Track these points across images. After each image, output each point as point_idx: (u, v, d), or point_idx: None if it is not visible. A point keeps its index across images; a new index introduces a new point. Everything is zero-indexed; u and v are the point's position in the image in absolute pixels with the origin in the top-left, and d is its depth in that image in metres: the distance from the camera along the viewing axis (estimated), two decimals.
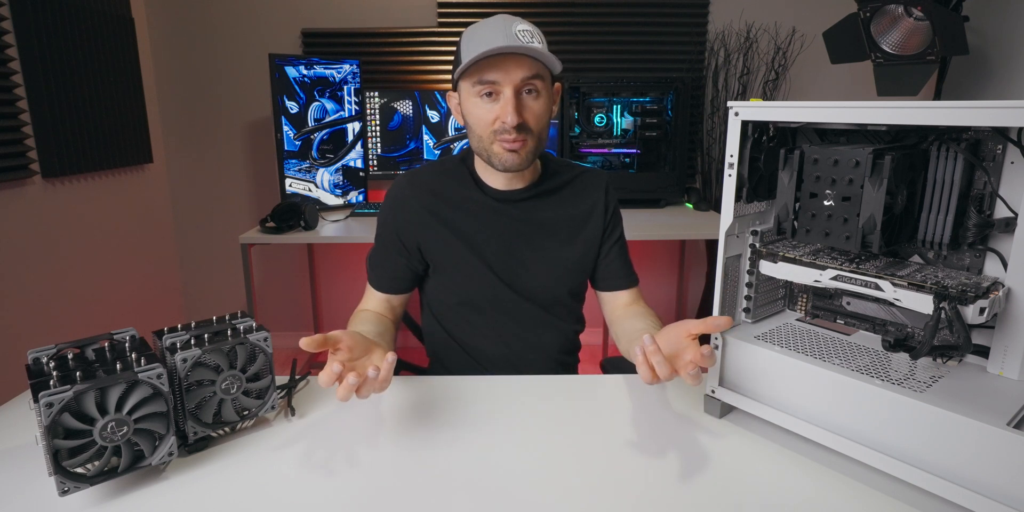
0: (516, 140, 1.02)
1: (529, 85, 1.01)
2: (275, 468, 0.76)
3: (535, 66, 1.00)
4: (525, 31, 0.99)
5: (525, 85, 1.01)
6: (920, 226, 0.77)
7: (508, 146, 1.03)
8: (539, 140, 1.06)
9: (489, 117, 1.02)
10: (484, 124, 1.03)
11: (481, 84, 1.01)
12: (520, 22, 1.00)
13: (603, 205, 1.18)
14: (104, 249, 2.38)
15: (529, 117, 1.02)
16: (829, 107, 0.72)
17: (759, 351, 0.82)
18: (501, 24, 0.99)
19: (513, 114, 1.00)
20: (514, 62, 0.99)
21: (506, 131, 1.01)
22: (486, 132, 1.04)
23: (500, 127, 1.02)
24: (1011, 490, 0.61)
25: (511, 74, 0.99)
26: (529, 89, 1.02)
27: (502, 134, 1.02)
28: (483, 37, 0.99)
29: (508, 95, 1.00)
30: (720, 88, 2.72)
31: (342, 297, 2.97)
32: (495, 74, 1.00)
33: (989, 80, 2.04)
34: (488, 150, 1.05)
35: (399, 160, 2.60)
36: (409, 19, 2.68)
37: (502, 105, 1.01)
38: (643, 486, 0.73)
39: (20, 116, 1.94)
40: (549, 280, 1.15)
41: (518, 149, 1.03)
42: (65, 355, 0.75)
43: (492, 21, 1.01)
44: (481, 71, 1.00)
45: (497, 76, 1.00)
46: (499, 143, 1.03)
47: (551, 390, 0.98)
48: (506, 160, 1.04)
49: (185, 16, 2.67)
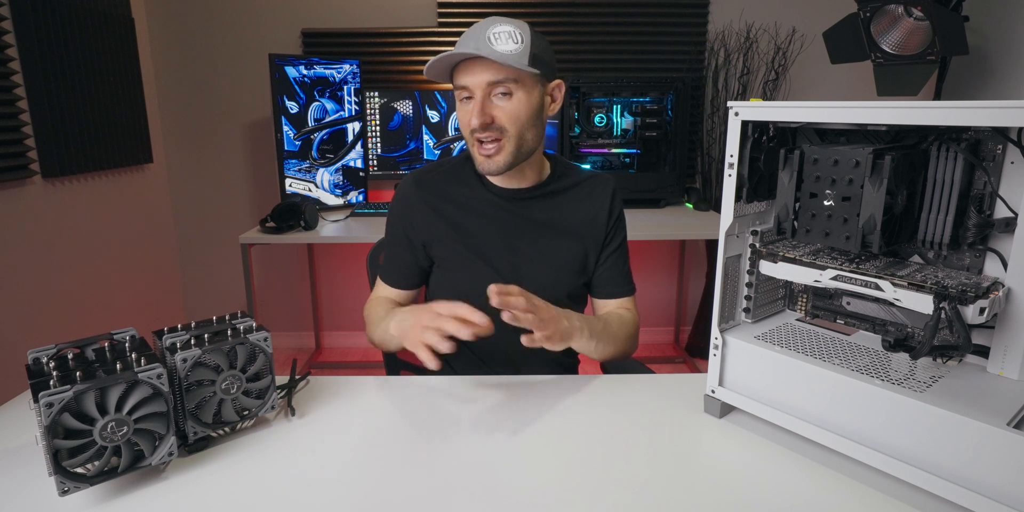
0: (490, 142, 1.05)
1: (501, 88, 1.03)
2: (275, 468, 0.76)
3: (503, 70, 1.02)
4: (501, 33, 1.00)
5: (493, 89, 1.03)
6: (920, 226, 0.77)
7: (483, 151, 1.06)
8: (520, 139, 1.06)
9: (465, 120, 1.07)
10: (463, 127, 1.08)
11: (458, 89, 1.05)
12: (503, 24, 1.02)
13: (608, 210, 1.18)
14: (104, 249, 2.38)
15: (500, 116, 1.04)
16: (829, 107, 0.72)
17: (759, 351, 0.82)
18: (479, 29, 1.02)
19: (476, 114, 1.02)
20: (481, 66, 1.02)
21: (479, 131, 1.04)
22: (466, 135, 1.08)
23: (473, 127, 1.04)
24: (1011, 490, 0.61)
25: (477, 78, 1.02)
26: (501, 92, 1.03)
27: (477, 134, 1.05)
28: (460, 43, 1.03)
29: (477, 98, 1.03)
30: (720, 88, 2.72)
31: (342, 297, 2.97)
32: (465, 78, 1.03)
33: (989, 80, 2.05)
34: (474, 153, 1.09)
35: (399, 160, 2.60)
36: (409, 19, 2.68)
37: (471, 108, 1.04)
38: (643, 486, 0.73)
39: (20, 116, 1.94)
40: (549, 281, 1.15)
41: (492, 154, 1.05)
42: (65, 355, 0.75)
43: (477, 25, 1.03)
44: (457, 76, 1.05)
45: (467, 81, 1.03)
46: (477, 146, 1.06)
47: (551, 390, 0.98)
48: (482, 165, 1.08)
49: (185, 16, 2.67)
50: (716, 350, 0.86)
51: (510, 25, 1.02)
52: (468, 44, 1.01)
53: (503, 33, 1.01)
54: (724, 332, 0.87)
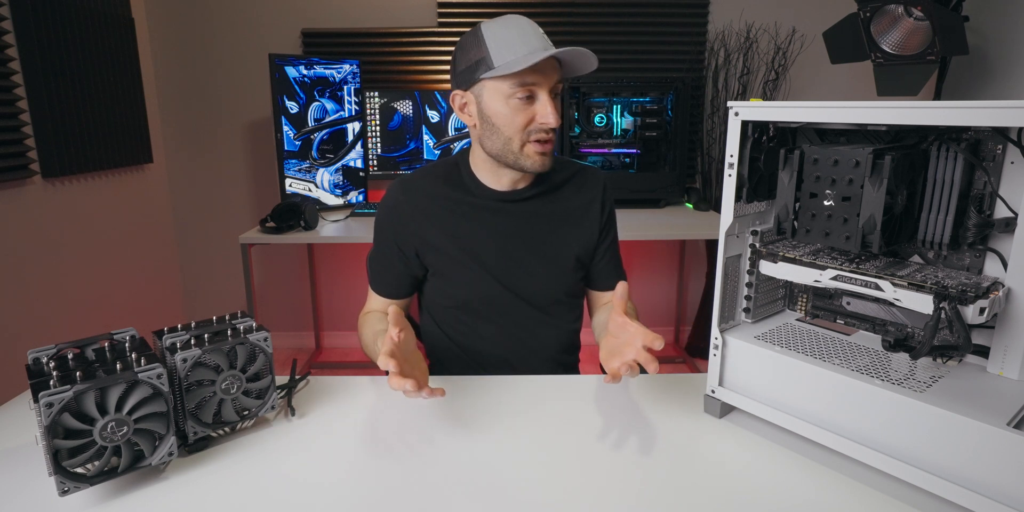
0: (548, 141, 1.05)
1: (557, 88, 1.04)
2: (275, 468, 0.76)
3: (559, 70, 1.04)
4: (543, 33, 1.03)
5: (555, 88, 1.03)
6: (920, 226, 0.77)
7: (540, 149, 1.05)
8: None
9: (523, 119, 1.03)
10: (517, 126, 1.03)
11: (521, 86, 1.01)
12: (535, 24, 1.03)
13: (600, 203, 1.18)
14: (104, 249, 2.38)
15: None
16: (829, 107, 0.72)
17: (759, 351, 0.82)
18: (528, 26, 1.01)
19: (555, 116, 1.02)
20: (549, 65, 1.01)
21: (543, 132, 1.03)
22: (518, 134, 1.04)
23: (537, 128, 1.03)
24: (1011, 490, 0.61)
25: (548, 77, 1.02)
26: (556, 92, 1.04)
27: (537, 134, 1.04)
28: (518, 39, 0.99)
29: (545, 98, 1.02)
30: (720, 88, 2.72)
31: (342, 297, 2.97)
32: (535, 77, 1.00)
33: (989, 80, 2.04)
34: (516, 152, 1.05)
35: (399, 160, 2.60)
36: (409, 19, 2.68)
37: (540, 107, 1.02)
38: (643, 486, 0.73)
39: (20, 116, 1.94)
40: (547, 280, 1.15)
41: (547, 152, 1.06)
42: (65, 355, 0.75)
43: (518, 21, 1.01)
44: (522, 74, 1.00)
45: (537, 78, 1.01)
46: (533, 145, 1.05)
47: (551, 390, 0.98)
48: (539, 163, 1.06)
49: (185, 16, 2.66)
50: (716, 350, 0.86)
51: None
52: (533, 42, 1.00)
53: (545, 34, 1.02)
54: (724, 332, 0.87)
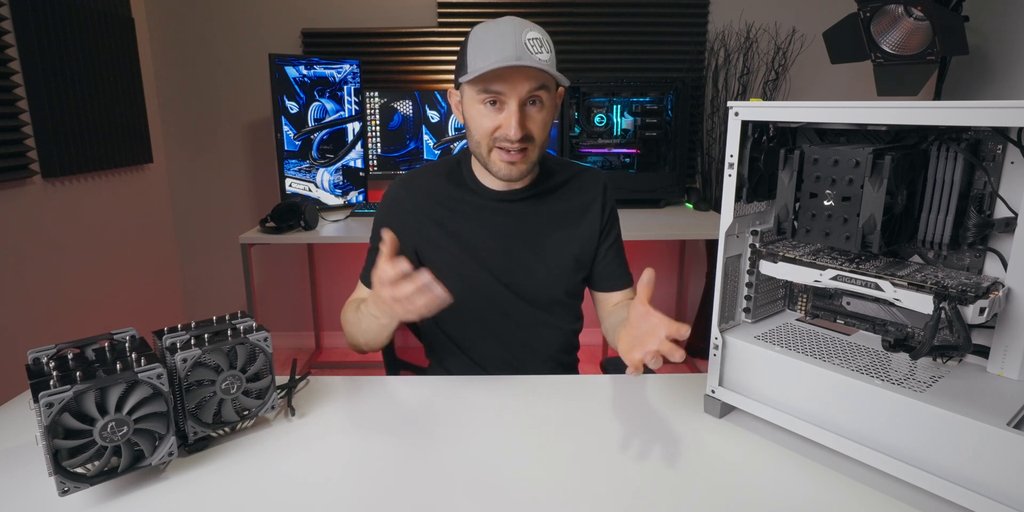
0: (517, 152, 1.02)
1: (534, 96, 1.00)
2: (275, 468, 0.76)
3: (541, 77, 0.99)
4: (535, 40, 0.97)
5: (530, 97, 1.00)
6: (920, 226, 0.77)
7: (507, 158, 1.03)
8: (540, 148, 1.06)
9: (490, 125, 1.02)
10: (484, 131, 1.03)
11: (486, 92, 0.99)
12: (530, 29, 0.98)
13: (600, 203, 1.17)
14: (104, 249, 2.38)
15: (532, 127, 1.02)
16: (829, 107, 0.72)
17: (759, 351, 0.82)
18: (511, 33, 0.96)
19: (517, 128, 0.99)
20: (522, 74, 0.98)
21: (507, 141, 1.01)
22: (485, 139, 1.03)
23: (501, 136, 1.01)
24: (1011, 490, 0.61)
25: (517, 87, 0.98)
26: (533, 100, 1.01)
27: (502, 142, 1.02)
28: (493, 46, 0.97)
29: (513, 108, 0.99)
30: (720, 88, 2.72)
31: (342, 297, 2.95)
32: (501, 85, 0.98)
33: (989, 80, 2.04)
34: (485, 157, 1.05)
35: (399, 160, 2.60)
36: (409, 19, 2.68)
37: (505, 117, 1.00)
38: (643, 486, 0.73)
39: (20, 116, 1.94)
40: (547, 280, 1.15)
41: (516, 161, 1.03)
42: (65, 355, 0.75)
43: (503, 26, 0.98)
44: (487, 81, 0.98)
45: (503, 87, 0.98)
46: (498, 152, 1.03)
47: (551, 390, 0.98)
48: (502, 171, 1.04)
49: (185, 16, 2.66)
50: (716, 350, 0.86)
51: (537, 31, 0.99)
52: (506, 50, 0.95)
53: (535, 40, 0.97)
54: (724, 332, 0.87)
